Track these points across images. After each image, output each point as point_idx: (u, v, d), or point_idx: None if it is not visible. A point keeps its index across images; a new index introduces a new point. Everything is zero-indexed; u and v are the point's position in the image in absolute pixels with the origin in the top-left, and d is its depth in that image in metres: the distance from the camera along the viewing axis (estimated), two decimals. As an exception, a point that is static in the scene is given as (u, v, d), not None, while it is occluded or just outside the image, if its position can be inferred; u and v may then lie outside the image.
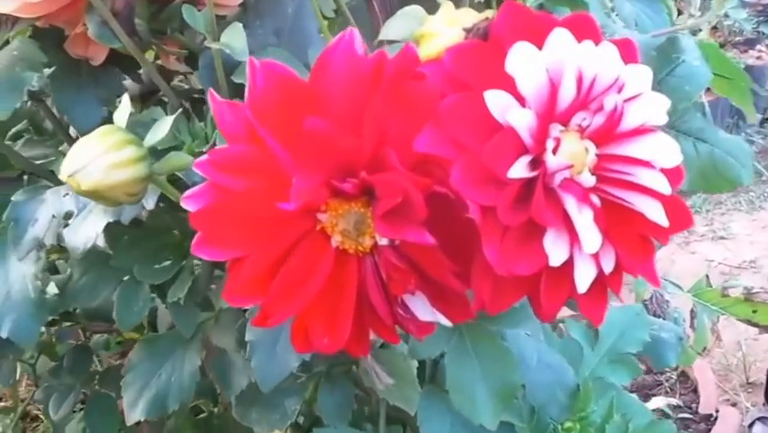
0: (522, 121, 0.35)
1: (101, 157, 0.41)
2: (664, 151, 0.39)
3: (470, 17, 0.39)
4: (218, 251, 0.39)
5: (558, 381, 0.63)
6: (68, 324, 0.82)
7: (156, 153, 0.45)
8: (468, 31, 0.39)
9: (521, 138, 0.35)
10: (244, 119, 0.38)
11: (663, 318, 1.03)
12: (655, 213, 0.38)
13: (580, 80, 0.37)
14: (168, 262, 0.56)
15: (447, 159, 0.36)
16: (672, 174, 0.39)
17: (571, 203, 0.36)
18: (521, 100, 0.36)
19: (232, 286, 0.40)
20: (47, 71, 0.56)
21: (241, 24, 0.47)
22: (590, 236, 0.36)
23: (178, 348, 0.62)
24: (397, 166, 0.35)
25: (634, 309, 0.78)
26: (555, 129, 0.37)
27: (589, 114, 0.38)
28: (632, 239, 0.39)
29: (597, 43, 0.38)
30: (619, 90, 0.38)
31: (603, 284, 0.38)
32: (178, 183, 0.48)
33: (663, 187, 0.38)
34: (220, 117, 0.40)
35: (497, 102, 0.35)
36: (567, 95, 0.37)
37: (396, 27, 0.42)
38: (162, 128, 0.43)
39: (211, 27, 0.48)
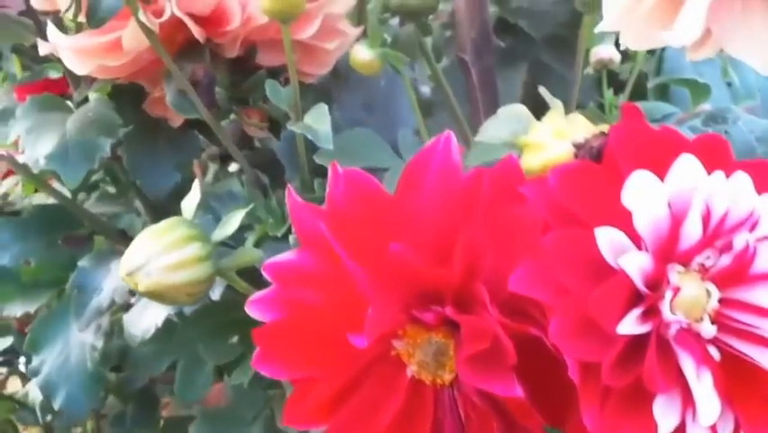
0: (637, 267, 0.30)
1: (161, 256, 0.37)
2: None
3: (582, 129, 0.35)
4: (281, 370, 0.36)
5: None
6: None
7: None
8: (578, 147, 0.34)
9: (635, 286, 0.30)
10: (321, 228, 0.34)
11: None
12: (786, 374, 0.33)
13: (707, 217, 0.32)
14: (234, 340, 0.53)
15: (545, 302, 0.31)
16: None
17: (688, 364, 0.31)
18: (637, 239, 0.31)
19: (294, 407, 0.36)
20: (123, 130, 0.53)
21: (326, 106, 0.43)
22: (709, 405, 0.31)
23: (239, 427, 0.59)
24: (488, 307, 0.31)
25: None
26: (674, 272, 0.32)
27: (714, 252, 0.33)
28: (754, 400, 0.33)
29: (729, 171, 0.33)
30: (752, 228, 0.33)
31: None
32: (247, 272, 0.44)
33: (797, 346, 0.32)
34: (296, 218, 0.36)
35: (609, 242, 0.30)
36: (691, 234, 0.31)
37: (496, 129, 0.38)
38: (231, 224, 0.40)
39: (294, 104, 0.44)
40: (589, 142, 0.33)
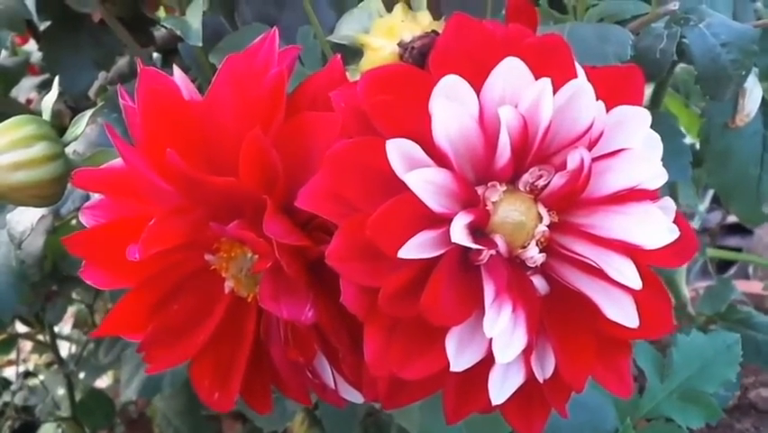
0: (427, 183, 0.27)
1: (2, 154, 0.36)
2: (646, 227, 0.29)
3: (416, 27, 0.31)
4: (104, 280, 0.34)
5: (590, 423, 0.54)
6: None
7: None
8: (404, 48, 0.30)
9: (425, 205, 0.27)
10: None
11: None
12: (618, 310, 0.29)
13: (525, 130, 0.28)
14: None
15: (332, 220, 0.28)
16: (666, 255, 0.30)
17: (487, 294, 0.28)
18: (442, 155, 0.27)
19: (113, 316, 0.34)
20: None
21: (201, 1, 0.40)
22: (505, 343, 0.27)
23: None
24: (270, 223, 0.28)
25: (725, 339, 0.65)
26: (495, 192, 0.28)
27: (548, 171, 0.29)
28: (580, 333, 0.30)
29: (568, 76, 0.29)
30: (591, 144, 0.29)
31: (538, 393, 0.30)
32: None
33: (630, 279, 0.28)
34: (130, 122, 0.33)
35: (400, 155, 0.27)
36: (504, 149, 0.28)
37: (348, 26, 0.34)
38: (81, 124, 0.37)
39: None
40: (412, 43, 0.30)
